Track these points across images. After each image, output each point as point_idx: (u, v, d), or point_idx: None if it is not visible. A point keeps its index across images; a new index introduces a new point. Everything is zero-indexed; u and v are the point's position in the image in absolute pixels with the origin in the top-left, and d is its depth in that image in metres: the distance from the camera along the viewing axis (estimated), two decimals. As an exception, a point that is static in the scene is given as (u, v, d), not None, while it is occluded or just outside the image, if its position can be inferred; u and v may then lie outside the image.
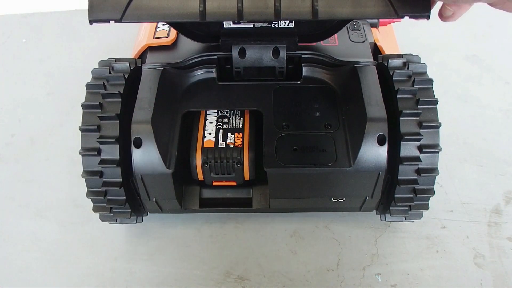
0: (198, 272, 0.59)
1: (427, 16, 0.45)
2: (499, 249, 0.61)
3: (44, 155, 0.75)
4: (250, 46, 0.58)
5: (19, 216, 0.67)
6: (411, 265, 0.59)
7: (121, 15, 0.45)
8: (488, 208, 0.66)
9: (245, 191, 0.60)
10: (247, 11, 0.45)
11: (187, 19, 0.45)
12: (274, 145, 0.54)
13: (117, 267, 0.60)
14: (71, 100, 0.84)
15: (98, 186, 0.53)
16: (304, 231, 0.63)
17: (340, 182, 0.54)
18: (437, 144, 0.52)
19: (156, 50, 0.62)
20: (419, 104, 0.52)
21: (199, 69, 0.60)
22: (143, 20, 0.45)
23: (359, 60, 0.59)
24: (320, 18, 0.45)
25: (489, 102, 0.81)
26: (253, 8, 0.45)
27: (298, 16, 0.45)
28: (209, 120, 0.59)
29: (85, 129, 0.52)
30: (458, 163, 0.71)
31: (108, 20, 0.45)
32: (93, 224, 0.64)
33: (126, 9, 0.45)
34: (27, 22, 1.04)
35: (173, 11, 0.45)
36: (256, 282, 0.58)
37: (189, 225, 0.64)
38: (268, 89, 0.59)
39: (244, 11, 0.45)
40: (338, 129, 0.55)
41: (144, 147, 0.52)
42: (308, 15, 0.45)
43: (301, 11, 0.45)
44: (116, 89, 0.53)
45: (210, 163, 0.55)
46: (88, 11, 0.45)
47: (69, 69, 0.90)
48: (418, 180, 0.52)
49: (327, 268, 0.59)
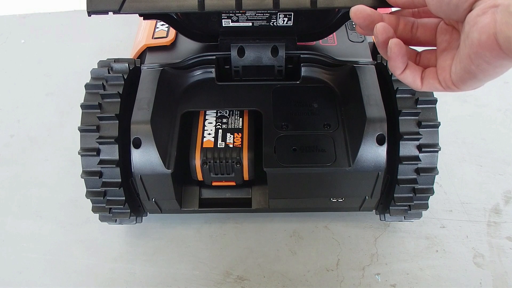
0: (198, 272, 0.59)
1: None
2: (499, 249, 0.61)
3: (43, 156, 0.75)
4: (249, 45, 0.58)
5: (19, 216, 0.67)
6: (411, 264, 0.60)
7: (120, 6, 0.44)
8: (488, 208, 0.66)
9: (245, 191, 0.60)
10: (246, 1, 0.45)
11: (186, 10, 0.45)
12: (273, 145, 0.54)
13: (117, 267, 0.60)
14: (70, 100, 0.84)
15: (98, 187, 0.53)
16: (304, 231, 0.63)
17: (340, 182, 0.54)
18: (436, 144, 0.52)
19: (155, 51, 0.62)
20: (418, 104, 0.52)
21: (198, 69, 0.60)
22: (141, 11, 0.45)
23: (358, 60, 0.59)
24: (319, 7, 0.45)
25: (488, 101, 0.81)
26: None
27: (297, 5, 0.45)
28: (208, 120, 0.59)
29: (84, 129, 0.52)
30: (457, 162, 0.71)
31: (106, 11, 0.45)
32: (93, 224, 0.64)
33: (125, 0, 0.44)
34: (26, 23, 1.04)
35: (171, 2, 0.45)
36: (256, 282, 0.58)
37: (189, 225, 0.64)
38: (267, 89, 0.59)
39: (243, 1, 0.44)
40: (338, 129, 0.55)
41: (144, 147, 0.52)
42: (307, 4, 0.45)
43: (300, 1, 0.45)
44: (115, 90, 0.53)
45: (209, 163, 0.55)
46: (87, 2, 0.45)
47: (68, 70, 0.90)
48: (417, 180, 0.52)
49: (327, 268, 0.59)
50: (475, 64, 0.31)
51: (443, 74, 0.35)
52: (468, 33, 0.31)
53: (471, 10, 0.31)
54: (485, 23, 0.29)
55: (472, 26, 0.30)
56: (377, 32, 0.36)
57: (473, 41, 0.30)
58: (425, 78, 0.37)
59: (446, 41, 0.37)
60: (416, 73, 0.37)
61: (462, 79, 0.33)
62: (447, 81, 0.35)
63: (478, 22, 0.30)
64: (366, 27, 0.38)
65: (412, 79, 0.37)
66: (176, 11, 0.45)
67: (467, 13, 0.32)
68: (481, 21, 0.29)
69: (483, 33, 0.29)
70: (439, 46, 0.38)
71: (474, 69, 0.31)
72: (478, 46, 0.30)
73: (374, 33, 0.37)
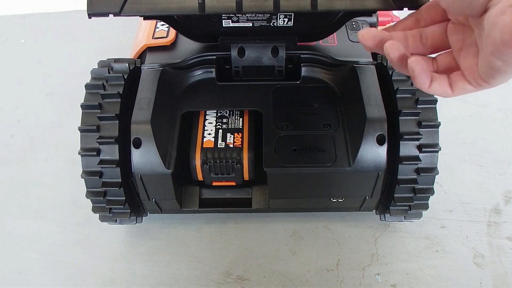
0: (198, 272, 0.59)
1: None
2: (499, 249, 0.61)
3: (43, 156, 0.75)
4: (249, 45, 0.58)
5: (19, 216, 0.67)
6: (411, 265, 0.60)
7: (120, 8, 0.45)
8: (488, 208, 0.66)
9: (245, 191, 0.60)
10: (246, 4, 0.45)
11: (186, 12, 0.45)
12: (273, 145, 0.54)
13: (117, 267, 0.60)
14: (70, 100, 0.84)
15: (98, 187, 0.53)
16: (304, 231, 0.63)
17: (340, 182, 0.54)
18: (437, 144, 0.52)
19: (155, 51, 0.62)
20: (418, 104, 0.52)
21: (198, 69, 0.60)
22: (142, 13, 0.45)
23: (358, 60, 0.59)
24: (319, 9, 0.45)
25: (488, 101, 0.81)
26: (253, 0, 0.45)
27: (298, 8, 0.45)
28: (209, 120, 0.59)
29: (84, 129, 0.52)
30: (457, 162, 0.71)
31: (107, 14, 0.45)
32: (93, 224, 0.64)
33: (125, 2, 0.44)
34: (26, 23, 1.04)
35: (172, 4, 0.45)
36: (256, 282, 0.58)
37: (189, 225, 0.64)
38: (267, 89, 0.59)
39: (243, 4, 0.44)
40: (338, 129, 0.55)
41: (144, 147, 0.52)
42: (308, 7, 0.45)
43: (300, 3, 0.45)
44: (116, 90, 0.53)
45: (209, 163, 0.55)
46: (87, 4, 0.45)
47: (68, 70, 0.90)
48: (417, 180, 0.53)
49: (327, 268, 0.59)
50: (501, 60, 0.31)
51: (472, 74, 0.35)
52: (489, 33, 0.31)
53: (485, 9, 0.32)
54: (506, 22, 0.30)
55: (492, 25, 0.31)
56: (388, 51, 0.36)
57: (495, 40, 0.31)
58: (454, 84, 0.37)
59: (459, 40, 0.37)
60: (442, 82, 0.37)
61: (491, 75, 0.34)
62: (477, 80, 0.35)
63: (498, 22, 0.30)
64: (376, 47, 0.38)
65: (441, 89, 0.37)
66: (177, 13, 0.45)
67: (482, 9, 0.32)
68: (502, 20, 0.30)
69: (505, 32, 0.30)
70: (454, 47, 0.38)
71: (501, 65, 0.32)
72: (501, 44, 0.30)
73: (385, 52, 0.37)
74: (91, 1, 0.45)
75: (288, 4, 0.45)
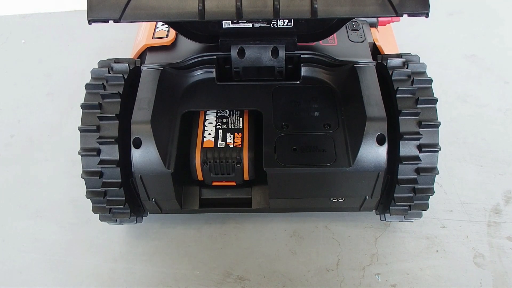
0: (198, 272, 0.59)
1: (426, 14, 0.45)
2: (499, 249, 0.61)
3: (43, 156, 0.75)
4: (249, 46, 0.58)
5: (19, 216, 0.67)
6: (411, 265, 0.59)
7: (120, 14, 0.45)
8: (488, 208, 0.66)
9: (245, 191, 0.60)
10: (246, 10, 0.45)
11: (186, 19, 0.45)
12: (273, 145, 0.54)
13: (117, 267, 0.60)
14: (70, 100, 0.84)
15: (98, 187, 0.53)
16: (304, 231, 0.63)
17: (340, 182, 0.54)
18: (437, 144, 0.52)
19: (155, 51, 0.62)
20: (418, 104, 0.52)
21: (198, 70, 0.60)
22: (142, 19, 0.45)
23: (358, 60, 0.59)
24: (319, 16, 0.45)
25: (488, 101, 0.81)
26: (252, 7, 0.45)
27: (297, 14, 0.45)
28: (209, 120, 0.59)
29: (84, 129, 0.52)
30: (457, 162, 0.71)
31: (107, 20, 0.45)
32: (93, 224, 0.64)
33: (125, 8, 0.45)
34: (27, 23, 1.04)
35: (172, 11, 0.45)
36: (256, 282, 0.58)
37: (189, 226, 0.64)
38: (267, 89, 0.59)
39: (243, 10, 0.45)
40: (338, 129, 0.55)
41: (144, 147, 0.52)
42: (307, 14, 0.45)
43: (300, 9, 0.45)
44: (116, 90, 0.53)
45: (209, 163, 0.55)
46: (87, 11, 0.45)
47: (68, 70, 0.90)
48: (417, 180, 0.52)
49: (327, 268, 0.59)
50: None
51: None
52: None
53: None
54: None
55: None
56: None
57: None
58: None
59: None
60: None
61: None
62: None
63: None
64: None
65: None
66: (176, 19, 0.45)
67: None
68: None
69: None
70: None
71: None
72: None
73: None
74: (91, 7, 0.45)
75: (288, 10, 0.45)
